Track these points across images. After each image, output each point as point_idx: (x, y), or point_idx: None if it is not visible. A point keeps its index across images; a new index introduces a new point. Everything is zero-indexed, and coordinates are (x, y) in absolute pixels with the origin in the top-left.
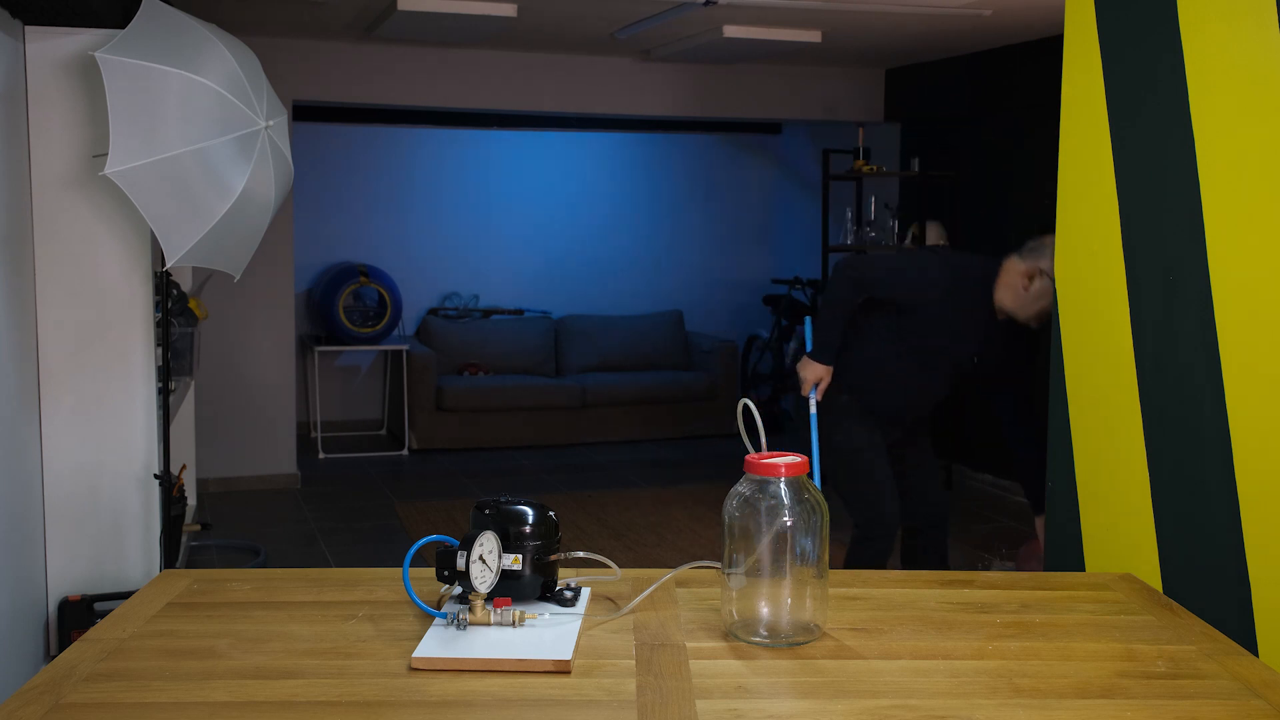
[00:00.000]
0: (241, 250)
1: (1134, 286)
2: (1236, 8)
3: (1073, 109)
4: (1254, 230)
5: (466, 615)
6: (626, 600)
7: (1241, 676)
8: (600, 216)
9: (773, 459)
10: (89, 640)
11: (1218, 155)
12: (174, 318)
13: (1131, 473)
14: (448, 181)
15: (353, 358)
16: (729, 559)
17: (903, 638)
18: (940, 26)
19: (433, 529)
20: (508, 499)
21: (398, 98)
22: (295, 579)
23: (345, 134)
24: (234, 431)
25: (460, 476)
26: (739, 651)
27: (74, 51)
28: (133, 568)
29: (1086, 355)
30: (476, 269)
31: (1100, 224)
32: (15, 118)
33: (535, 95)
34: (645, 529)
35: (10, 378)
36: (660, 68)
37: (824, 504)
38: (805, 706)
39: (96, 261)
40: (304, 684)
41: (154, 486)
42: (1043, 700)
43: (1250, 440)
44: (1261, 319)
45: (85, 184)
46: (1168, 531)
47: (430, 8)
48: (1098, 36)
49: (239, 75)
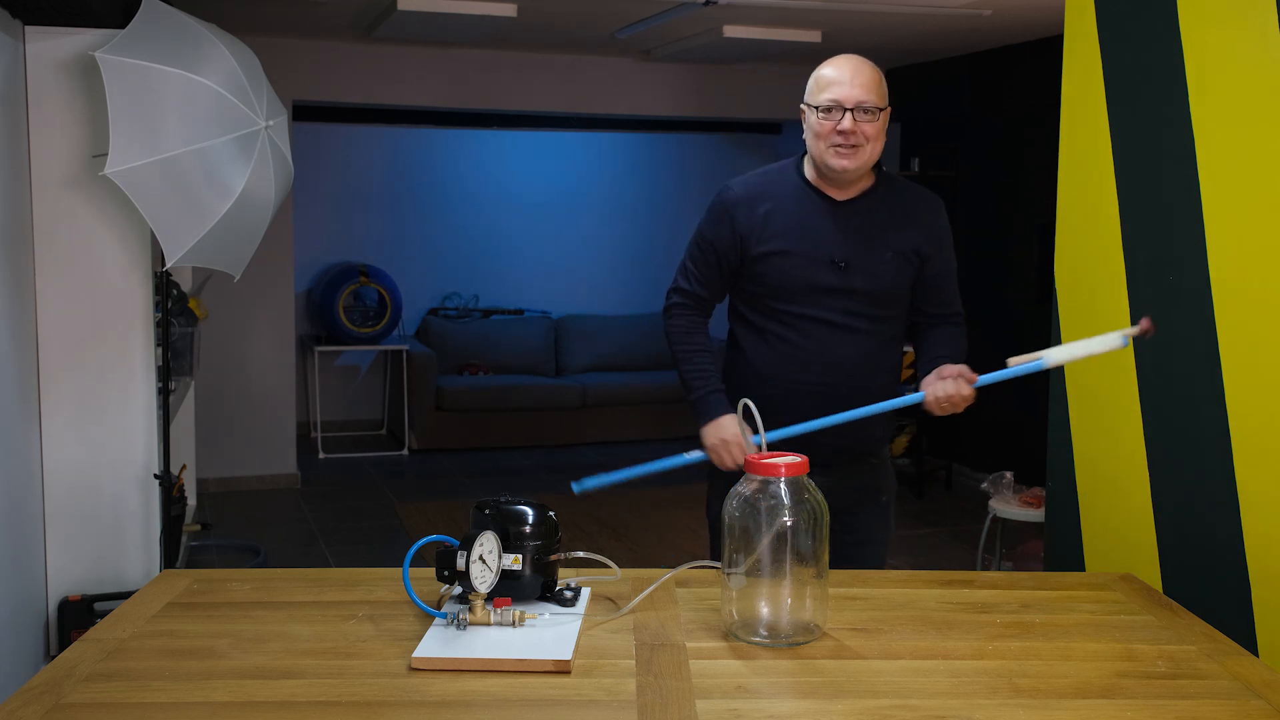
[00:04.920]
0: (241, 250)
1: (1134, 287)
2: (1236, 8)
3: (1073, 109)
4: (1254, 230)
5: (466, 615)
6: (626, 600)
7: (1241, 676)
8: (600, 216)
9: (773, 459)
10: (89, 640)
11: (1218, 155)
12: (174, 318)
13: (1131, 473)
14: (448, 181)
15: (353, 358)
16: (729, 559)
17: (903, 638)
18: (940, 26)
19: (433, 529)
20: (508, 499)
21: (398, 98)
22: (295, 579)
23: (345, 134)
24: (234, 431)
25: (460, 476)
26: (739, 651)
27: (74, 51)
28: (133, 568)
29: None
30: (476, 269)
31: (1100, 224)
32: (15, 118)
33: (535, 95)
34: (645, 529)
35: (10, 378)
36: (660, 68)
37: (824, 504)
38: (805, 706)
39: (96, 261)
40: (304, 684)
41: (154, 486)
42: (1043, 700)
43: (1250, 440)
44: (1261, 319)
45: (85, 184)
46: (1168, 531)
47: (430, 8)
48: (1098, 36)
49: (239, 75)
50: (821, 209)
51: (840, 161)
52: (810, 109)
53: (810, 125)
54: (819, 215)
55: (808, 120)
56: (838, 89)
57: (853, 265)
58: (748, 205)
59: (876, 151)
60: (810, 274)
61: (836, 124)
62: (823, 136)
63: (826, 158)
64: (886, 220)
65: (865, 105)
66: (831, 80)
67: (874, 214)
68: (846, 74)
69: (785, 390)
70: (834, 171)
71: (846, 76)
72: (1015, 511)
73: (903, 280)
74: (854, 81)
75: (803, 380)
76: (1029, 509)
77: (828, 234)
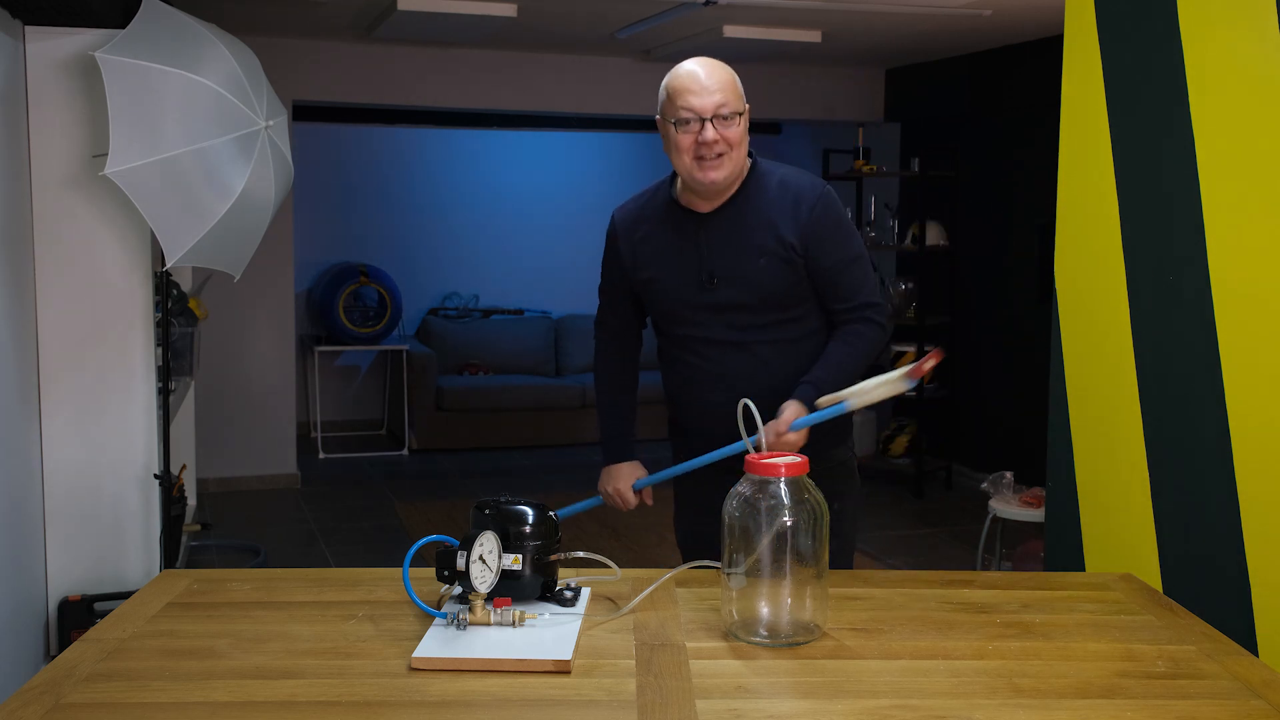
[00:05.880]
0: (241, 250)
1: (1134, 287)
2: (1236, 8)
3: (1073, 109)
4: (1254, 230)
5: (466, 615)
6: (626, 600)
7: (1241, 676)
8: (600, 216)
9: (773, 459)
10: (89, 640)
11: (1218, 155)
12: (174, 318)
13: (1131, 473)
14: (448, 181)
15: (353, 358)
16: (729, 559)
17: (903, 638)
18: (940, 26)
19: (433, 529)
20: (508, 499)
21: (398, 98)
22: (295, 579)
23: (345, 134)
24: (234, 431)
25: (460, 476)
26: (739, 651)
27: (74, 51)
28: (133, 568)
29: (1086, 355)
30: (476, 269)
31: (1100, 224)
32: (15, 118)
33: (535, 95)
34: (645, 529)
35: (10, 378)
36: (660, 68)
37: (823, 504)
38: (805, 706)
39: (96, 261)
40: (304, 684)
41: (154, 486)
42: (1043, 700)
43: (1250, 440)
44: (1261, 319)
45: (85, 184)
46: (1168, 531)
47: (430, 8)
48: (1098, 37)
49: (239, 75)
50: (687, 227)
51: (708, 175)
52: (666, 123)
53: (670, 140)
54: (685, 234)
55: (666, 135)
56: (692, 98)
57: (721, 279)
58: (627, 233)
59: (743, 156)
60: (685, 295)
61: (697, 135)
62: (685, 150)
63: (693, 172)
64: (753, 223)
65: (724, 110)
66: (685, 88)
67: (740, 220)
68: (699, 80)
69: (698, 412)
70: (703, 186)
71: (699, 83)
72: (1015, 511)
73: (782, 282)
74: (708, 87)
75: (711, 401)
76: (1029, 509)
77: (694, 252)
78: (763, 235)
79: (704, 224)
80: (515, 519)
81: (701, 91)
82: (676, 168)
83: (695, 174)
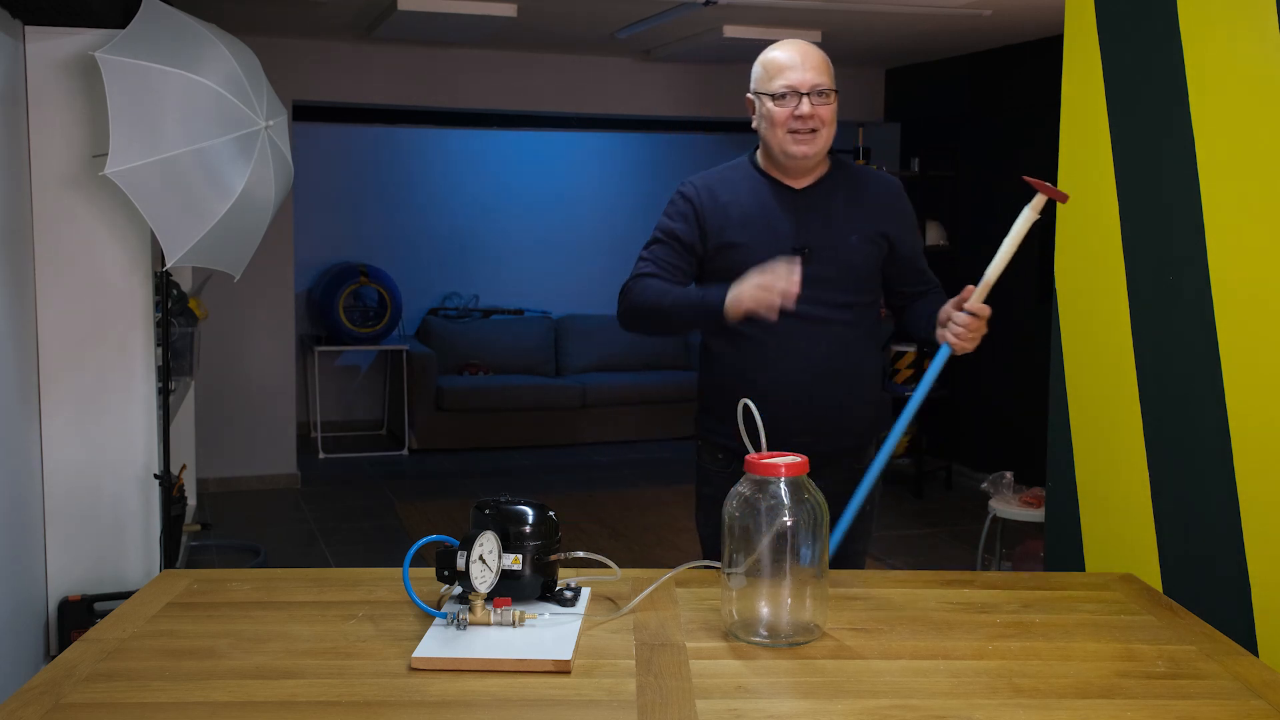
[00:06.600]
0: (241, 250)
1: (1134, 287)
2: (1236, 8)
3: (1073, 109)
4: (1254, 230)
5: (466, 615)
6: (626, 600)
7: (1241, 676)
8: (600, 216)
9: (773, 459)
10: (89, 640)
11: (1218, 155)
12: (174, 318)
13: (1131, 473)
14: (448, 181)
15: (353, 358)
16: (729, 559)
17: (903, 638)
18: (940, 26)
19: (433, 529)
20: (508, 499)
21: (398, 98)
22: (295, 579)
23: (345, 134)
24: (234, 431)
25: (460, 476)
26: (739, 651)
27: (74, 51)
28: (133, 568)
29: (1086, 355)
30: (476, 269)
31: (1100, 224)
32: (15, 118)
33: (535, 95)
34: (645, 529)
35: (10, 378)
36: (660, 68)
37: (824, 504)
38: (805, 706)
39: (96, 261)
40: (304, 684)
41: (154, 486)
42: (1043, 700)
43: (1250, 440)
44: (1261, 319)
45: (85, 184)
46: (1168, 531)
47: (430, 8)
48: (1098, 37)
49: (239, 75)
50: (781, 198)
51: (800, 148)
52: (763, 97)
53: (765, 113)
54: (779, 205)
55: (761, 109)
56: (792, 74)
57: (817, 252)
58: (710, 197)
59: (831, 135)
60: None
61: (794, 110)
62: (780, 124)
63: (786, 145)
64: (848, 204)
65: (820, 88)
66: (784, 65)
67: (834, 199)
68: (798, 58)
69: (763, 391)
70: (794, 158)
71: (799, 60)
72: (1015, 511)
73: (871, 263)
74: (806, 65)
75: (779, 380)
76: (1029, 509)
77: (789, 223)
78: (857, 216)
79: (798, 198)
80: (515, 519)
81: (801, 68)
82: (769, 141)
83: (789, 147)
